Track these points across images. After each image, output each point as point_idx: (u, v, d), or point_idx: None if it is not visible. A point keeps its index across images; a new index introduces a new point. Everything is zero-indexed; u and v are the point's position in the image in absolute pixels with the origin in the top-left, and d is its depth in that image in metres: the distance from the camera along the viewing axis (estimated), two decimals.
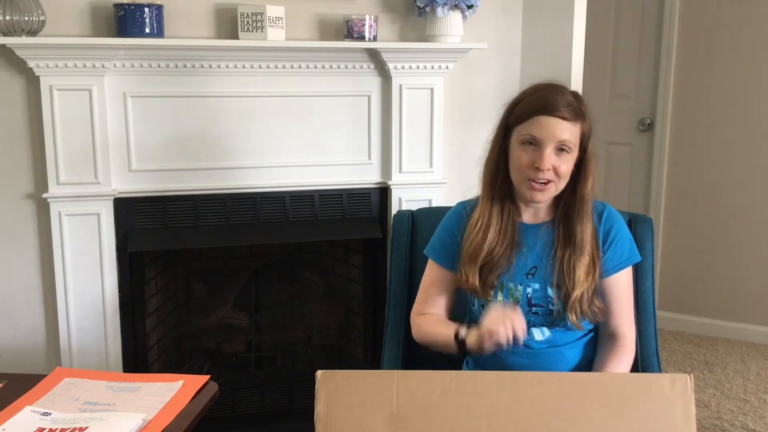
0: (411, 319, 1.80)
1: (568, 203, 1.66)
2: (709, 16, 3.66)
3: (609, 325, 1.70)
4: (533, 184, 1.60)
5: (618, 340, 1.68)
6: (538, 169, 1.58)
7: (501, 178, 1.67)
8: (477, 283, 1.64)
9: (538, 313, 1.65)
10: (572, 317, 1.62)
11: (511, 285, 1.66)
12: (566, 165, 1.60)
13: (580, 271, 1.62)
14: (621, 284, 1.69)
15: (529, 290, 1.65)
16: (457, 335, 1.61)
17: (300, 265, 3.08)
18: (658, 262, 3.85)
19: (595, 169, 1.65)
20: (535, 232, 1.69)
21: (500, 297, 1.65)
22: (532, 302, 1.65)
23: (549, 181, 1.59)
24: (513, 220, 1.68)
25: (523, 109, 1.62)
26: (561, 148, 1.58)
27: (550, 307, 1.64)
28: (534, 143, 1.59)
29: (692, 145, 3.79)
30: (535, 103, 1.60)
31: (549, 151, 1.57)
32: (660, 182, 3.89)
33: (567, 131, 1.58)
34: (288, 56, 2.50)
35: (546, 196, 1.62)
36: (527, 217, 1.70)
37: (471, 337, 1.57)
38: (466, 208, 1.76)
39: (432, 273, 1.78)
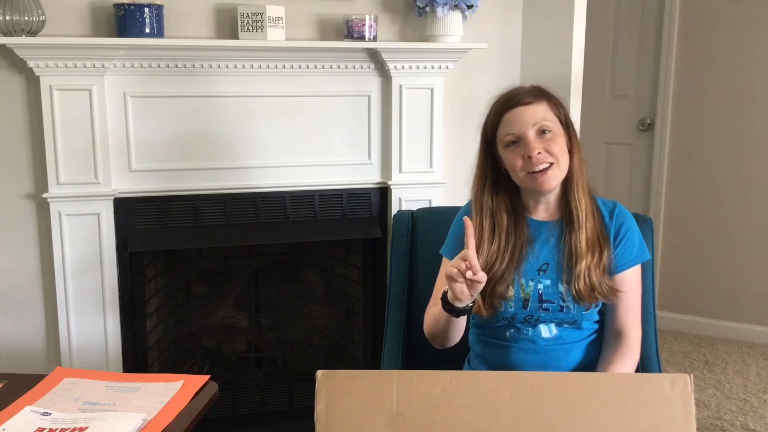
0: (424, 317, 1.80)
1: (565, 188, 1.67)
2: (710, 16, 3.66)
3: (615, 325, 1.69)
4: (535, 174, 1.60)
5: (623, 341, 1.68)
6: (530, 158, 1.59)
7: (490, 194, 1.68)
8: (480, 302, 1.63)
9: (549, 310, 1.65)
10: (580, 285, 1.60)
11: (522, 281, 1.65)
12: (555, 145, 1.60)
13: (582, 243, 1.62)
14: (629, 282, 1.68)
15: (540, 286, 1.65)
16: (443, 296, 1.59)
17: (300, 265, 3.08)
18: (658, 262, 3.86)
19: (576, 144, 1.66)
20: (547, 229, 1.69)
21: (511, 292, 1.65)
22: (543, 298, 1.64)
23: (550, 165, 1.59)
24: (521, 223, 1.68)
25: (491, 118, 1.67)
26: (542, 131, 1.60)
27: (561, 303, 1.64)
28: (516, 140, 1.61)
29: (692, 145, 3.79)
30: (498, 106, 1.66)
31: (531, 136, 1.59)
32: (660, 182, 3.89)
33: (537, 112, 1.60)
34: (288, 56, 2.50)
35: (553, 181, 1.62)
36: (539, 214, 1.70)
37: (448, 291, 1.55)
38: None
39: (445, 271, 1.77)
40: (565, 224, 1.67)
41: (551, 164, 1.60)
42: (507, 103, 1.63)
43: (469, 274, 1.46)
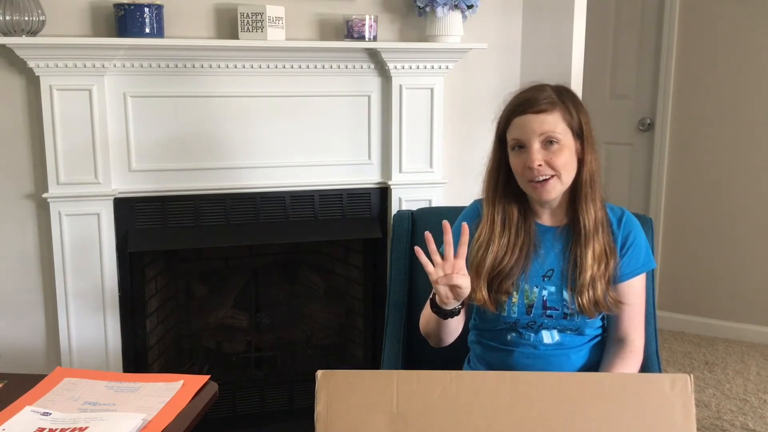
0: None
1: (574, 194, 1.65)
2: (709, 16, 3.66)
3: (619, 331, 1.69)
4: (534, 184, 1.59)
5: (627, 345, 1.67)
6: (531, 169, 1.57)
7: (502, 188, 1.66)
8: (486, 296, 1.63)
9: (552, 316, 1.64)
10: (583, 301, 1.59)
11: (527, 287, 1.64)
12: (560, 157, 1.57)
13: (588, 256, 1.60)
14: (635, 290, 1.68)
15: (544, 293, 1.64)
16: (432, 297, 1.58)
17: (300, 265, 3.08)
18: (658, 262, 3.85)
19: (591, 153, 1.62)
20: (553, 235, 1.68)
21: (515, 299, 1.64)
22: (547, 305, 1.64)
23: (551, 177, 1.58)
24: (528, 224, 1.67)
25: (503, 118, 1.64)
26: (549, 141, 1.57)
27: (565, 310, 1.63)
28: (521, 146, 1.59)
29: (692, 145, 3.79)
30: (511, 107, 1.62)
31: (536, 147, 1.56)
32: (660, 182, 3.89)
33: (546, 123, 1.57)
34: (288, 56, 2.50)
35: (553, 193, 1.60)
36: (546, 219, 1.69)
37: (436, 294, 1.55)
38: (483, 206, 1.74)
39: None
40: (572, 232, 1.65)
41: (552, 176, 1.58)
42: (520, 106, 1.59)
43: (442, 280, 1.47)
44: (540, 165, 1.56)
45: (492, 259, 1.63)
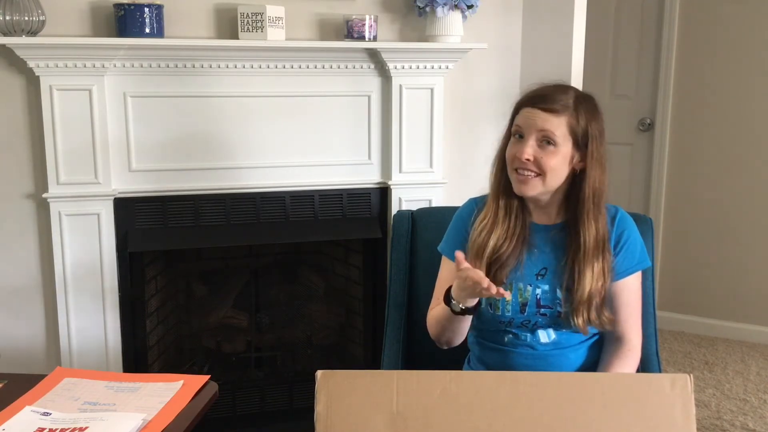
0: (427, 318, 1.79)
1: (574, 206, 1.65)
2: (709, 16, 3.66)
3: (616, 330, 1.69)
4: (517, 175, 1.59)
5: (624, 344, 1.67)
6: (519, 160, 1.58)
7: (507, 177, 1.66)
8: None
9: (546, 315, 1.64)
10: (578, 321, 1.60)
11: (521, 285, 1.65)
12: (551, 159, 1.57)
13: (587, 275, 1.60)
14: (630, 289, 1.68)
15: (538, 291, 1.64)
16: (447, 294, 1.59)
17: (300, 265, 3.08)
18: (658, 262, 3.85)
19: (596, 170, 1.61)
20: (546, 234, 1.67)
21: (509, 295, 1.64)
22: (541, 303, 1.64)
23: (535, 175, 1.58)
24: (524, 219, 1.67)
25: (518, 103, 1.64)
26: (546, 141, 1.57)
27: (558, 309, 1.63)
28: (520, 135, 1.60)
29: (692, 145, 3.79)
30: (526, 97, 1.63)
31: (530, 142, 1.57)
32: (660, 182, 3.89)
33: (550, 122, 1.57)
34: (288, 56, 2.50)
35: (531, 190, 1.60)
36: (538, 217, 1.69)
37: (454, 287, 1.56)
38: (478, 204, 1.74)
39: (446, 270, 1.76)
40: (569, 240, 1.64)
41: (537, 174, 1.58)
42: (533, 99, 1.60)
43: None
44: (528, 159, 1.57)
45: (494, 243, 1.64)
